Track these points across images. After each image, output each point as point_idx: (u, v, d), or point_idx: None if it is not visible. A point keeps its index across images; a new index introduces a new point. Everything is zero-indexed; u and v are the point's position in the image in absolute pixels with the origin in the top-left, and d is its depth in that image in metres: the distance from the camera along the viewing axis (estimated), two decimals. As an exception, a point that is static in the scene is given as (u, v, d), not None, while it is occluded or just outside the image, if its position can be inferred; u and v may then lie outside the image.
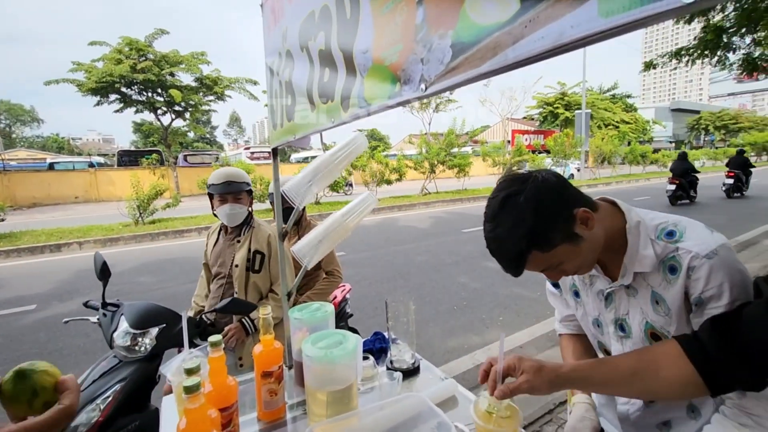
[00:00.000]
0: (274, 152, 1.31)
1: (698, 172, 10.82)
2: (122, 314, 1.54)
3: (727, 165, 12.23)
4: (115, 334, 1.52)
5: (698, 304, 0.74)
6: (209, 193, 1.85)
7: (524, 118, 35.87)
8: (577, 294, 0.99)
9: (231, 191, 1.81)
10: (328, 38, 0.72)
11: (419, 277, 5.28)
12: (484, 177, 19.97)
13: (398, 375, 1.13)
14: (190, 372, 0.74)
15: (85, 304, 1.70)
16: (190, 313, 1.89)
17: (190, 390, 0.68)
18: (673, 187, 10.45)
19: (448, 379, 1.21)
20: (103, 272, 1.58)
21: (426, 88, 0.48)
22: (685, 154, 11.30)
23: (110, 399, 1.45)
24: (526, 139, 29.40)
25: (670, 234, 0.78)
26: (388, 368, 1.27)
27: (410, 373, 1.26)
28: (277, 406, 1.07)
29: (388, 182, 13.66)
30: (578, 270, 0.82)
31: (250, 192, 1.90)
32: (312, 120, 0.87)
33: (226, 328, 1.73)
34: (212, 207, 1.87)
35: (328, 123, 0.79)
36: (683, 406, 0.87)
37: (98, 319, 1.61)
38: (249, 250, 1.82)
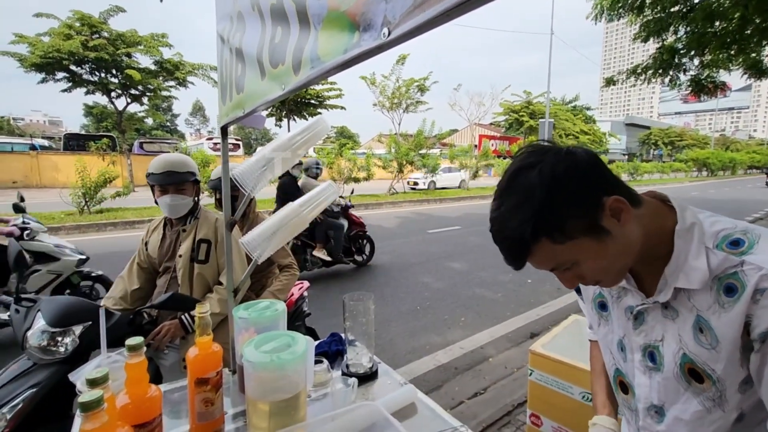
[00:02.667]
0: (224, 131, 1.17)
1: None
2: (38, 310, 1.34)
3: (766, 173, 22.73)
4: (28, 333, 1.32)
5: (765, 340, 0.56)
6: (149, 182, 1.67)
7: (491, 124, 36.82)
8: (603, 306, 0.79)
9: (172, 182, 1.63)
10: (281, -11, 0.61)
11: (383, 276, 5.21)
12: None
13: (353, 381, 1.03)
14: (93, 383, 0.60)
15: (-5, 299, 1.48)
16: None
17: (87, 407, 0.55)
18: None
19: (407, 385, 1.12)
20: (18, 263, 1.37)
21: (389, 33, 0.38)
22: None
23: (20, 407, 1.25)
24: (493, 144, 30.19)
25: (736, 243, 0.59)
26: (343, 373, 1.17)
27: (367, 378, 1.16)
28: (213, 417, 0.94)
29: (356, 180, 13.55)
30: (601, 277, 0.65)
31: (196, 182, 1.73)
32: (262, 89, 0.76)
33: (161, 325, 1.57)
34: (153, 196, 1.70)
35: (278, 90, 0.68)
36: None
37: (9, 315, 1.40)
38: (194, 239, 1.67)
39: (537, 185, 0.57)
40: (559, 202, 0.57)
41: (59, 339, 1.34)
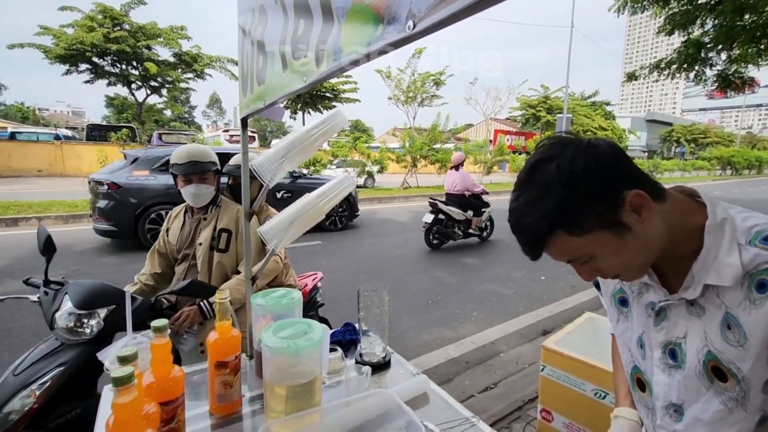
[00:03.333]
0: (244, 122, 1.20)
1: None
2: (66, 293, 1.40)
3: None
4: (57, 315, 1.38)
5: None
6: (172, 173, 1.72)
7: (507, 119, 36.27)
8: (623, 302, 0.78)
9: (196, 171, 1.68)
10: (305, -18, 0.62)
11: (395, 269, 5.23)
12: (465, 174, 20.10)
13: (367, 369, 1.06)
14: (123, 360, 0.64)
15: (26, 282, 1.54)
16: (133, 289, 1.75)
17: (119, 382, 0.58)
18: None
19: (420, 375, 1.14)
20: (47, 247, 1.43)
21: (414, 26, 0.39)
22: None
23: (48, 385, 1.31)
24: (508, 140, 29.79)
25: None
26: (357, 362, 1.20)
27: (380, 367, 1.18)
28: (231, 399, 0.97)
29: (369, 174, 13.57)
30: (620, 272, 0.64)
31: (217, 171, 1.78)
32: (283, 81, 0.77)
33: (180, 311, 1.62)
34: (176, 186, 1.75)
35: (299, 83, 0.69)
36: None
37: (38, 297, 1.46)
38: (214, 228, 1.72)
39: (554, 180, 0.57)
40: (577, 197, 0.56)
41: (85, 321, 1.39)
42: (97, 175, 5.85)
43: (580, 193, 0.56)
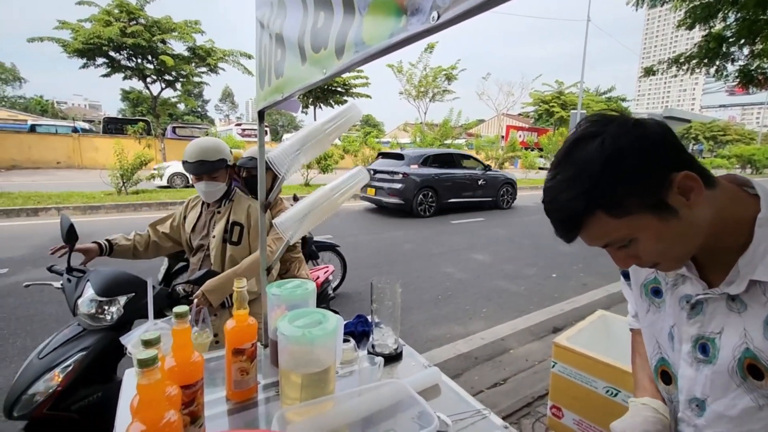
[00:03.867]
0: (261, 115, 1.21)
1: None
2: (88, 280, 1.44)
3: None
4: (79, 301, 1.42)
5: None
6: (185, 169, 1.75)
7: (520, 114, 35.85)
8: (657, 292, 0.74)
9: (203, 171, 1.70)
10: (326, -26, 0.63)
11: (405, 264, 5.24)
12: (476, 170, 19.97)
13: (379, 360, 1.07)
14: (147, 344, 0.66)
15: (50, 269, 1.59)
16: (123, 240, 1.80)
17: (144, 363, 0.60)
18: None
19: (432, 367, 1.15)
20: (70, 235, 1.48)
21: (438, 17, 0.39)
22: None
23: (71, 368, 1.36)
24: (520, 136, 29.46)
25: None
26: (369, 352, 1.21)
27: (392, 358, 1.20)
28: (248, 386, 1.00)
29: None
30: (659, 260, 0.61)
31: (228, 166, 1.80)
32: (302, 73, 0.78)
33: (197, 300, 1.66)
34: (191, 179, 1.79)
35: (319, 75, 0.70)
36: None
37: (62, 284, 1.51)
38: (227, 221, 1.75)
39: (596, 158, 0.53)
40: (618, 177, 0.53)
41: (106, 308, 1.44)
42: (387, 168, 8.69)
43: (623, 172, 0.53)
